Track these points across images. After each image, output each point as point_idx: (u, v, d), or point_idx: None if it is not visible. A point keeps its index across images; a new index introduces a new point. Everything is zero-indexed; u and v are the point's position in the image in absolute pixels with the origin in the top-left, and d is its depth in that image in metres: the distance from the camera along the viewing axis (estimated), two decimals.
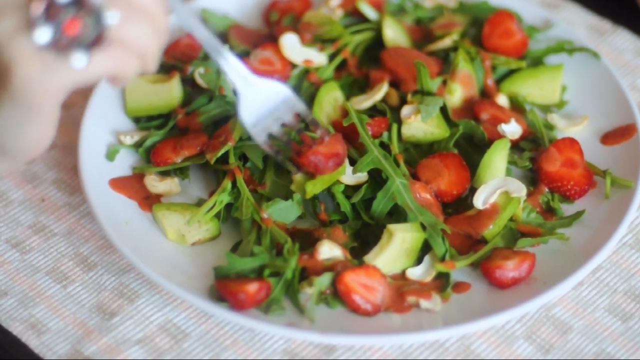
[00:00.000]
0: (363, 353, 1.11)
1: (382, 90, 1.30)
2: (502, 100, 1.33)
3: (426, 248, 1.17)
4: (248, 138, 1.24)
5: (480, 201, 1.18)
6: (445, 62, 1.35)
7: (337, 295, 1.12)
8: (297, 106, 1.26)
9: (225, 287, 1.10)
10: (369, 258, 1.15)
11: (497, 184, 1.19)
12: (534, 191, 1.23)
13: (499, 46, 1.36)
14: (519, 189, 1.18)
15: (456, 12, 1.42)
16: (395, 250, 1.15)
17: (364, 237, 1.19)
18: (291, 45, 1.34)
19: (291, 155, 1.21)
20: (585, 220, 1.20)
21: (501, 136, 1.26)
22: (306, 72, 1.33)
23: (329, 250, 1.15)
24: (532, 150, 1.27)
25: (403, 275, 1.15)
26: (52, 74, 0.92)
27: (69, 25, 0.91)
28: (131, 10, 0.95)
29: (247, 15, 1.45)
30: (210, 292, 1.12)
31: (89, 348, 1.12)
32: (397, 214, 1.19)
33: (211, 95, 1.29)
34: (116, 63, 0.94)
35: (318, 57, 1.34)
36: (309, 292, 1.12)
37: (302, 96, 1.29)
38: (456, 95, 1.31)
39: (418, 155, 1.26)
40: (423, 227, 1.16)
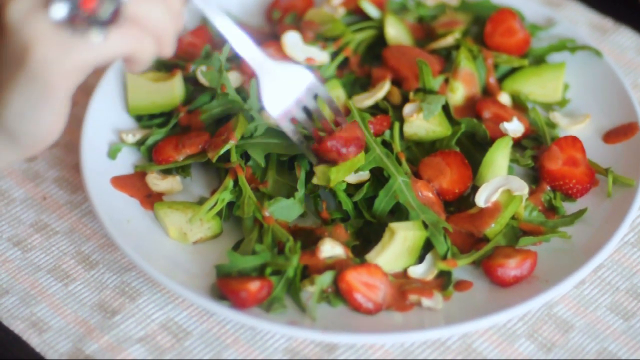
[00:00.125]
0: (365, 351, 1.11)
1: (384, 88, 1.30)
2: (504, 98, 1.32)
3: (428, 246, 1.16)
4: (250, 136, 1.24)
5: (482, 199, 1.18)
6: (447, 61, 1.35)
7: (339, 293, 1.12)
8: (320, 91, 1.25)
9: (226, 286, 1.10)
10: (371, 256, 1.15)
11: (499, 183, 1.19)
12: (536, 189, 1.23)
13: (501, 44, 1.36)
14: (521, 187, 1.18)
15: (458, 11, 1.42)
16: (397, 248, 1.15)
17: (366, 236, 1.19)
18: (293, 43, 1.34)
19: (312, 144, 1.21)
20: (587, 218, 1.20)
21: (503, 134, 1.26)
22: None
23: (331, 248, 1.14)
24: (534, 148, 1.27)
25: (405, 273, 1.15)
26: (70, 53, 0.93)
27: (86, 0, 0.92)
28: None
29: (250, 13, 1.45)
30: (211, 291, 1.12)
31: (91, 346, 1.12)
32: (399, 213, 1.19)
33: (213, 93, 1.29)
34: (132, 42, 0.95)
35: (320, 56, 1.34)
36: (311, 291, 1.12)
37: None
38: (458, 93, 1.31)
39: (420, 153, 1.26)
40: (425, 226, 1.16)
